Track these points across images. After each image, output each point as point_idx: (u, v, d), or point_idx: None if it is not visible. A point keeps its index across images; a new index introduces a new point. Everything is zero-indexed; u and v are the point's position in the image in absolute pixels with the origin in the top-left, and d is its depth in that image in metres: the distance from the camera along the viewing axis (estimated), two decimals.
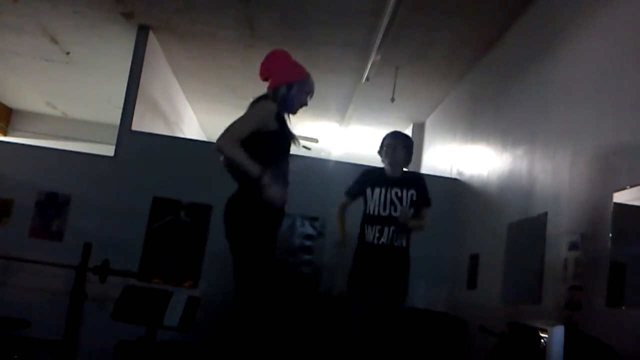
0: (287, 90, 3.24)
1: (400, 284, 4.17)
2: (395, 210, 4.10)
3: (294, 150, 3.41)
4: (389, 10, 5.37)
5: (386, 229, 4.10)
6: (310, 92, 3.38)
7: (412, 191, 4.16)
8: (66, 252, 5.65)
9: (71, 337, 5.21)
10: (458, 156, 6.84)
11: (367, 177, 4.33)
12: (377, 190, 4.16)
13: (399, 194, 4.13)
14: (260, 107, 3.20)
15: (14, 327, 5.02)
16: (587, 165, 3.79)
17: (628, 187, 3.21)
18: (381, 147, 4.34)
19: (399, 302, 4.17)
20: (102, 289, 5.47)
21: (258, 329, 3.09)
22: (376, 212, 4.13)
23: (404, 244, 4.17)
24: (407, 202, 4.13)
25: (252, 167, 2.98)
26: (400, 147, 4.26)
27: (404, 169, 4.35)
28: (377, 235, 4.10)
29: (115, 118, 6.77)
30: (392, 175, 4.23)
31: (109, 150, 6.52)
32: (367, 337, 4.02)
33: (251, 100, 3.31)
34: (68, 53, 7.73)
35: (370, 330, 4.03)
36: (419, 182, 4.29)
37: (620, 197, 3.27)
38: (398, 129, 9.75)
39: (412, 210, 4.16)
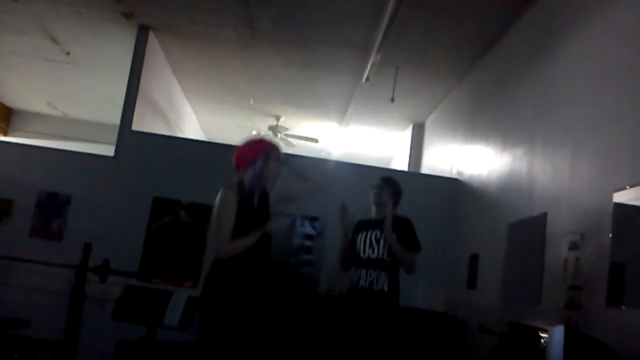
0: (253, 170, 3.25)
1: (377, 337, 3.85)
2: (373, 252, 3.94)
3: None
4: (389, 10, 5.37)
5: (363, 271, 3.93)
6: (277, 157, 3.33)
7: (393, 235, 3.95)
8: (66, 252, 5.66)
9: (71, 337, 5.21)
10: (458, 156, 6.84)
11: (357, 225, 4.15)
12: (360, 234, 4.04)
13: (378, 235, 3.96)
14: (221, 201, 3.19)
15: (14, 327, 5.02)
16: (587, 165, 3.79)
17: (628, 187, 3.21)
18: (369, 190, 4.18)
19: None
20: (102, 288, 5.47)
21: None
22: (357, 255, 4.00)
23: (385, 288, 3.90)
24: (385, 244, 3.94)
25: (254, 236, 3.14)
26: (385, 188, 4.08)
27: (391, 213, 4.06)
28: (356, 278, 3.96)
29: (115, 118, 6.77)
30: (376, 218, 4.07)
31: (109, 150, 6.53)
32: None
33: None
34: (68, 53, 7.73)
35: None
36: (404, 226, 4.04)
37: (620, 197, 3.27)
38: (398, 129, 9.80)
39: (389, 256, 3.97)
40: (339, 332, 4.01)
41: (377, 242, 3.98)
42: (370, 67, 6.60)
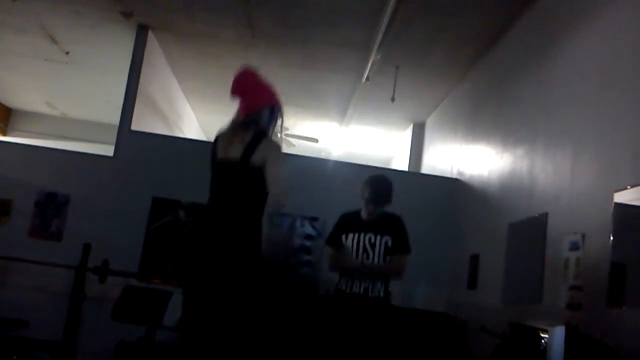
0: (270, 115, 3.02)
1: (377, 343, 3.82)
2: (368, 257, 3.86)
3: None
4: (389, 10, 5.37)
5: (357, 277, 3.86)
6: (282, 118, 3.10)
7: (386, 237, 3.89)
8: (66, 252, 5.65)
9: (71, 337, 5.21)
10: (458, 156, 6.84)
11: (343, 222, 4.05)
12: (350, 235, 3.93)
13: (372, 240, 3.88)
14: (281, 152, 2.95)
15: (14, 328, 5.02)
16: (587, 165, 3.79)
17: (628, 187, 3.21)
18: (361, 187, 4.06)
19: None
20: (101, 289, 5.47)
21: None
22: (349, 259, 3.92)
23: (382, 294, 3.87)
24: (380, 249, 3.87)
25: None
26: (379, 186, 3.98)
27: (383, 211, 4.02)
28: (349, 283, 3.89)
29: (115, 118, 6.77)
30: (369, 218, 3.97)
31: (108, 150, 6.52)
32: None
33: (239, 124, 3.05)
34: (68, 53, 7.72)
35: None
36: (396, 227, 3.96)
37: (620, 197, 3.26)
38: (398, 129, 9.78)
39: (387, 258, 3.89)
40: (337, 338, 3.94)
41: (372, 247, 3.89)
42: (371, 67, 6.59)
